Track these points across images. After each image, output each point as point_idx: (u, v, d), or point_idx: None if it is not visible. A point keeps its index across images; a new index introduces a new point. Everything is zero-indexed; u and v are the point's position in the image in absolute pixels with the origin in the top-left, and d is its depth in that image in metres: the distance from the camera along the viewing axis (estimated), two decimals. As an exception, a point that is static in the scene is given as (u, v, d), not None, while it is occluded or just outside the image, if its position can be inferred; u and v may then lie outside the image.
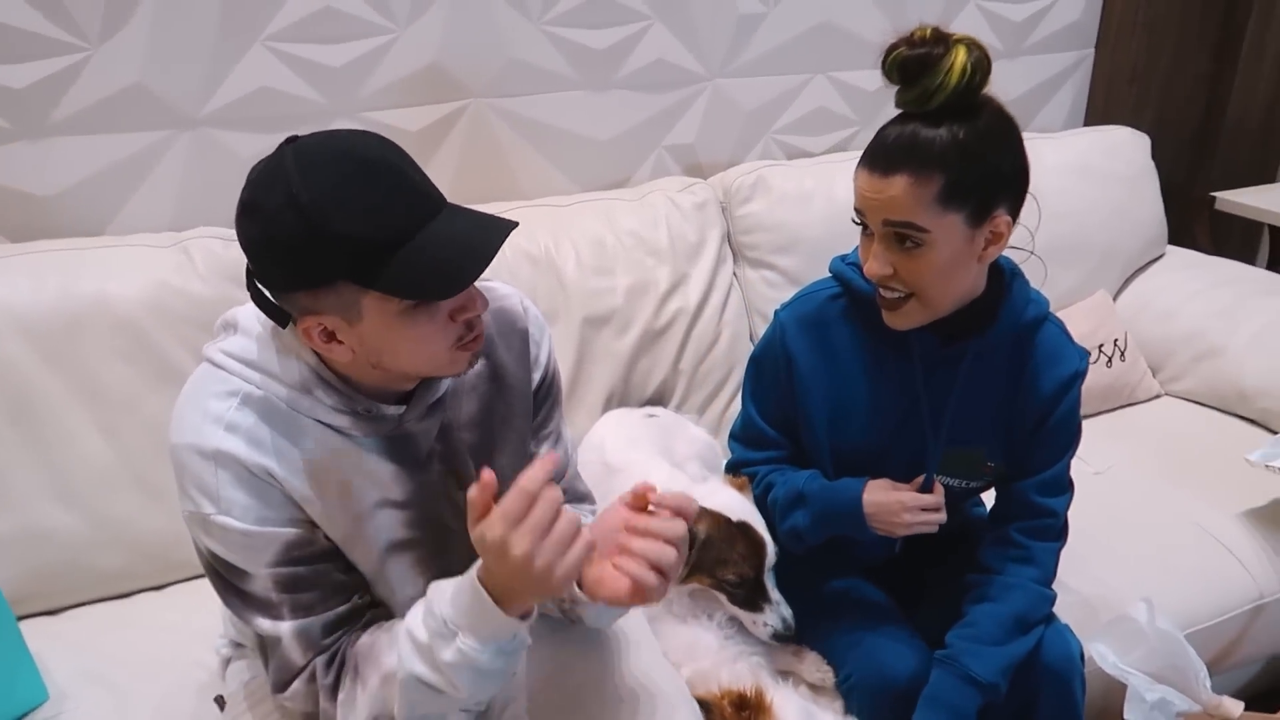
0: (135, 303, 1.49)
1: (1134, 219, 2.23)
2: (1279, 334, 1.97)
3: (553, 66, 1.89)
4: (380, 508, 1.05)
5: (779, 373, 1.36)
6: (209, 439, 0.95)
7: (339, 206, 0.84)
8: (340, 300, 0.89)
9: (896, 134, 1.14)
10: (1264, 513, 1.70)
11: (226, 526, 0.95)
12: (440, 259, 0.87)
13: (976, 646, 1.26)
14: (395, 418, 1.03)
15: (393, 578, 1.07)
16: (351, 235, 0.85)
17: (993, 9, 2.28)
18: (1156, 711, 1.39)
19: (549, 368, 1.18)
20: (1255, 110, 2.74)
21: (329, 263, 0.86)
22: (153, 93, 1.62)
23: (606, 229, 1.81)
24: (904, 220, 1.14)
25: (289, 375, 0.98)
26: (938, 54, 1.10)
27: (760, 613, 1.33)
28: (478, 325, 0.98)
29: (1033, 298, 1.29)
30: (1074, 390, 1.31)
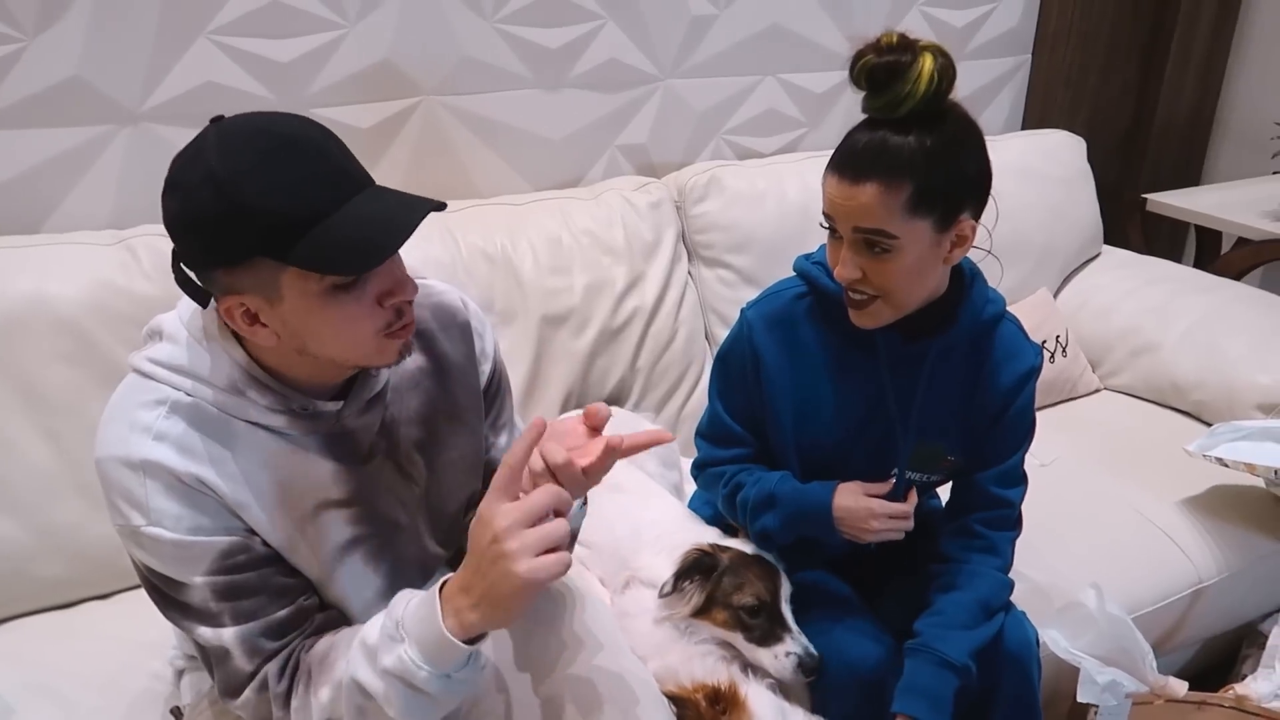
0: (76, 303, 1.44)
1: (1071, 219, 2.29)
2: (1209, 329, 2.05)
3: (506, 65, 1.88)
4: (323, 510, 1.02)
5: (745, 370, 1.37)
6: (136, 449, 0.92)
7: (254, 180, 0.83)
8: (259, 279, 0.87)
9: (865, 141, 1.15)
10: (1201, 501, 1.77)
11: (158, 538, 0.92)
12: (356, 234, 0.85)
13: (946, 632, 1.28)
14: (333, 414, 1.00)
15: (345, 579, 1.05)
16: (265, 209, 0.83)
17: (935, 15, 2.33)
18: (1107, 693, 1.43)
19: (496, 360, 1.17)
20: (1181, 115, 2.86)
21: (243, 238, 0.84)
22: (92, 86, 1.57)
23: (563, 228, 1.81)
24: (874, 228, 1.15)
25: (219, 377, 0.95)
26: (905, 61, 1.11)
27: (781, 643, 1.28)
28: (407, 313, 0.95)
29: (991, 297, 1.33)
30: (1030, 385, 1.34)
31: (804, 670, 1.27)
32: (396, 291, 0.92)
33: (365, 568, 1.06)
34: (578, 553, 1.46)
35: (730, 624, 1.30)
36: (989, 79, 2.49)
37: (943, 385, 1.31)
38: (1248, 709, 1.51)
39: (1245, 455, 1.68)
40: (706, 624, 1.31)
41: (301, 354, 0.94)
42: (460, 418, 1.13)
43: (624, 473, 1.52)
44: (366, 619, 1.03)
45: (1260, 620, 1.77)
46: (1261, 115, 2.69)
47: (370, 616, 1.03)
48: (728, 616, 1.30)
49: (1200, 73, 2.83)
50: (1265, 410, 1.89)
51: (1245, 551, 1.71)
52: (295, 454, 0.99)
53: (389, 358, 0.97)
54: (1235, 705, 1.51)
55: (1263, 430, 1.71)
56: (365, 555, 1.06)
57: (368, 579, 1.07)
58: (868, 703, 1.28)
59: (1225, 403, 1.95)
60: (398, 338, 0.95)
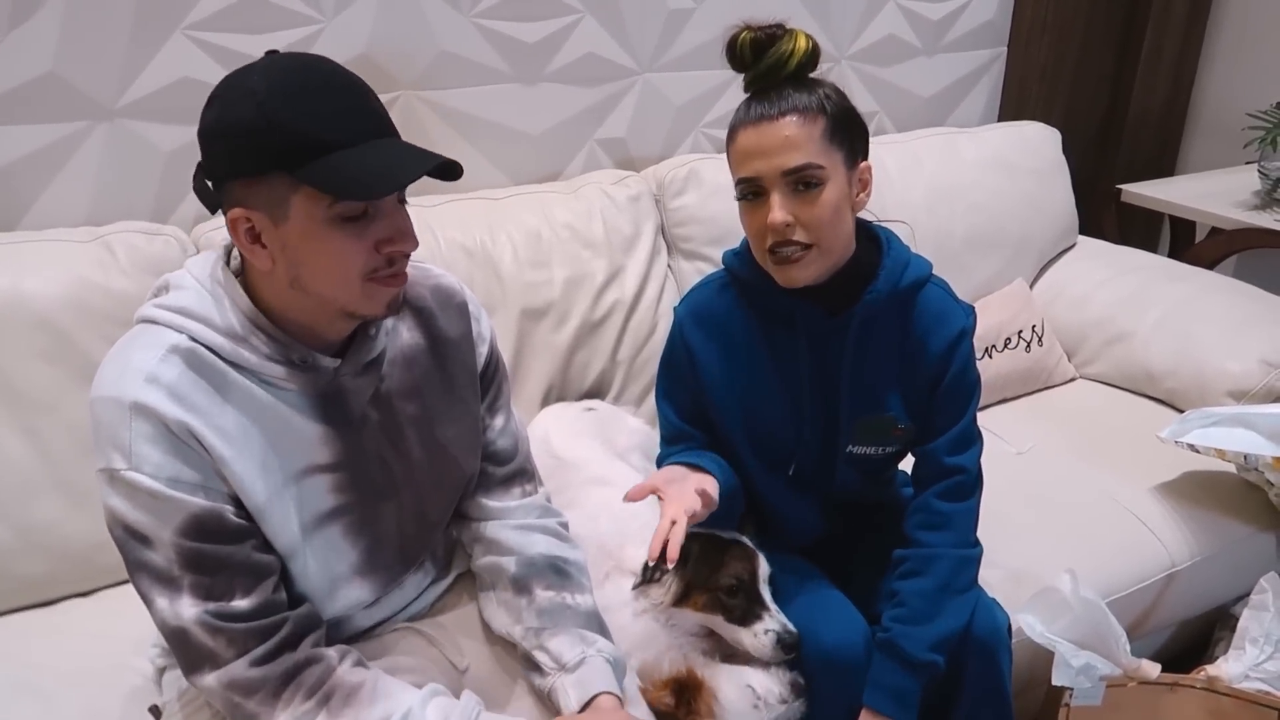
0: (54, 300, 1.43)
1: (1047, 210, 2.32)
2: (1182, 318, 2.08)
3: (483, 59, 1.88)
4: (307, 474, 1.03)
5: (684, 369, 1.39)
6: (128, 390, 0.92)
7: (290, 102, 0.89)
8: (272, 195, 0.91)
9: (770, 97, 1.21)
10: (1174, 486, 1.80)
11: (135, 484, 0.92)
12: (370, 166, 0.90)
13: (907, 628, 1.30)
14: (330, 370, 1.02)
15: (319, 551, 1.05)
16: (294, 129, 0.89)
17: (911, 8, 2.34)
18: (1082, 676, 1.45)
19: (493, 344, 1.20)
20: (1154, 107, 2.89)
21: (268, 151, 0.89)
22: (67, 82, 1.56)
23: (542, 222, 1.81)
24: (802, 163, 1.20)
25: (225, 322, 0.97)
26: (780, 33, 1.22)
27: (760, 621, 1.29)
28: (400, 264, 0.98)
29: (911, 261, 1.34)
30: (964, 346, 1.35)
31: (783, 647, 1.28)
32: (396, 240, 0.96)
33: (343, 541, 1.07)
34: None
35: (710, 606, 1.31)
36: (965, 72, 2.51)
37: (874, 355, 1.33)
38: (1219, 690, 1.54)
39: (1216, 441, 1.71)
40: (688, 610, 1.32)
41: (294, 287, 0.96)
42: (457, 395, 1.15)
43: (608, 466, 1.53)
44: (331, 596, 1.06)
45: (1232, 603, 1.80)
46: (1233, 106, 2.72)
47: (337, 594, 1.06)
48: (707, 599, 1.31)
49: (1173, 65, 2.86)
50: (1236, 397, 1.92)
51: (1217, 536, 1.74)
52: (287, 412, 1.00)
53: (375, 307, 0.98)
54: (1207, 686, 1.54)
55: (1233, 417, 1.73)
56: (345, 528, 1.07)
57: (343, 553, 1.07)
58: (845, 686, 1.29)
59: (1197, 390, 1.97)
60: (386, 286, 0.97)
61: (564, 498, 1.49)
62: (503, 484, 1.23)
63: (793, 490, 1.41)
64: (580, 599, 1.19)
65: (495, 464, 1.22)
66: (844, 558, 1.48)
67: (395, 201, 0.96)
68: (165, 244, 1.54)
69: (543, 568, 1.19)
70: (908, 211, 2.09)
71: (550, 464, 1.54)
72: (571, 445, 1.57)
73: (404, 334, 1.12)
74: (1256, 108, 2.43)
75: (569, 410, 1.71)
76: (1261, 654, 1.55)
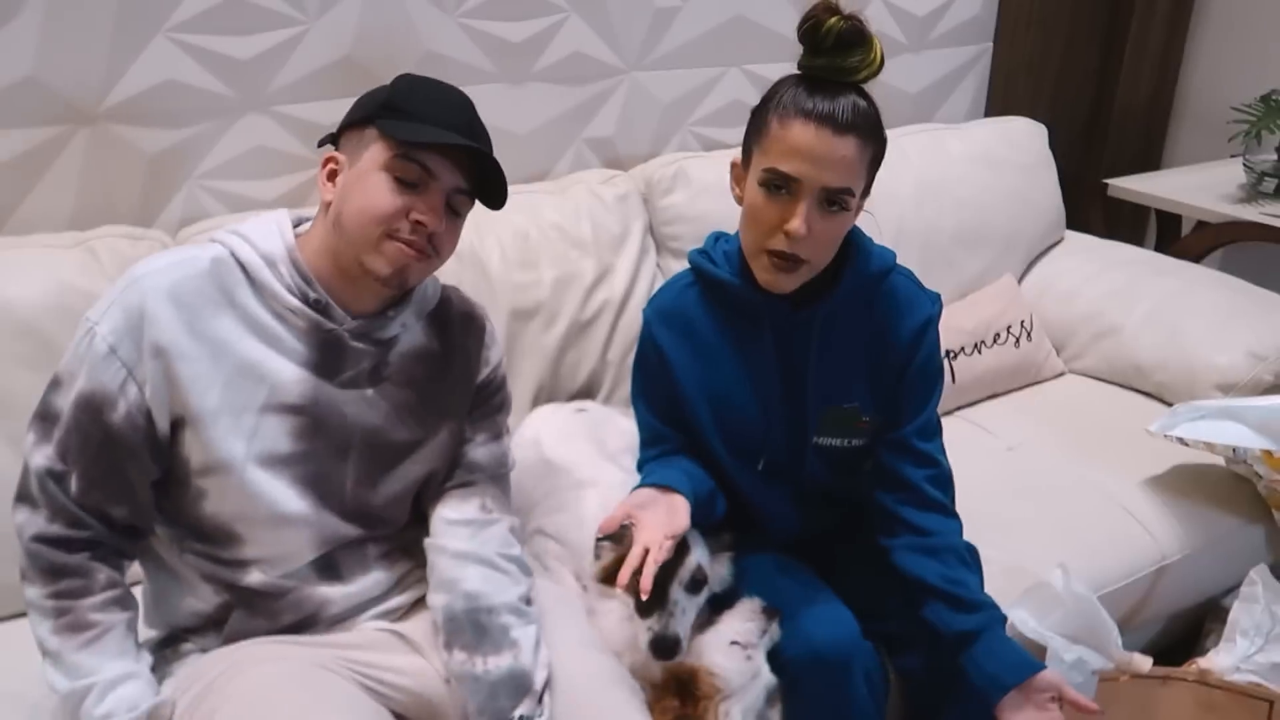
0: (37, 306, 1.42)
1: (1034, 205, 2.32)
2: (1169, 312, 2.08)
3: (469, 59, 1.87)
4: (268, 412, 1.10)
5: (656, 368, 1.39)
6: (141, 268, 1.09)
7: (409, 86, 1.14)
8: (360, 140, 1.12)
9: (839, 101, 1.18)
10: (1164, 480, 1.80)
11: (88, 331, 1.06)
12: (428, 133, 1.08)
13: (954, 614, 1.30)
14: (340, 319, 1.13)
15: (259, 485, 1.10)
16: (399, 93, 1.13)
17: (897, 4, 2.34)
18: (1074, 670, 1.46)
19: (497, 370, 1.29)
20: (1140, 101, 2.90)
21: (374, 104, 1.12)
22: (48, 86, 1.54)
23: (530, 222, 1.80)
24: (845, 186, 1.19)
25: (266, 246, 1.11)
26: (867, 32, 1.18)
27: (650, 618, 1.25)
28: (419, 236, 1.10)
29: (876, 252, 1.35)
30: (930, 334, 1.36)
31: (654, 648, 1.24)
32: (427, 213, 1.10)
33: (290, 488, 1.13)
34: (550, 549, 1.46)
35: (629, 589, 1.26)
36: (952, 67, 2.51)
37: (840, 347, 1.34)
38: (1210, 682, 1.54)
39: (1205, 434, 1.72)
40: (619, 591, 1.27)
41: (335, 227, 1.11)
42: (445, 401, 1.23)
43: (598, 469, 1.52)
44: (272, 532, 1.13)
45: (1222, 596, 1.80)
46: (1218, 100, 2.73)
47: (279, 533, 1.13)
48: (628, 584, 1.27)
49: (1158, 59, 2.87)
50: (1224, 390, 1.93)
51: (1207, 529, 1.75)
52: (278, 345, 1.11)
53: (382, 264, 1.09)
54: (1198, 679, 1.55)
55: (1221, 410, 1.74)
56: (295, 477, 1.13)
57: (291, 498, 1.12)
58: (832, 684, 1.29)
59: (1185, 383, 1.98)
60: (400, 249, 1.09)
61: (553, 501, 1.49)
62: (462, 489, 1.24)
63: (765, 484, 1.42)
64: (493, 664, 1.14)
65: (464, 470, 1.25)
66: (831, 557, 1.47)
67: (447, 189, 1.11)
68: (150, 248, 1.53)
69: (462, 624, 1.16)
70: (895, 208, 2.09)
71: (540, 467, 1.54)
72: (562, 448, 1.56)
73: (421, 337, 1.22)
74: (1241, 101, 2.44)
75: (560, 411, 1.70)
76: (1252, 646, 1.57)
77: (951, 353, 2.03)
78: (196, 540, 1.14)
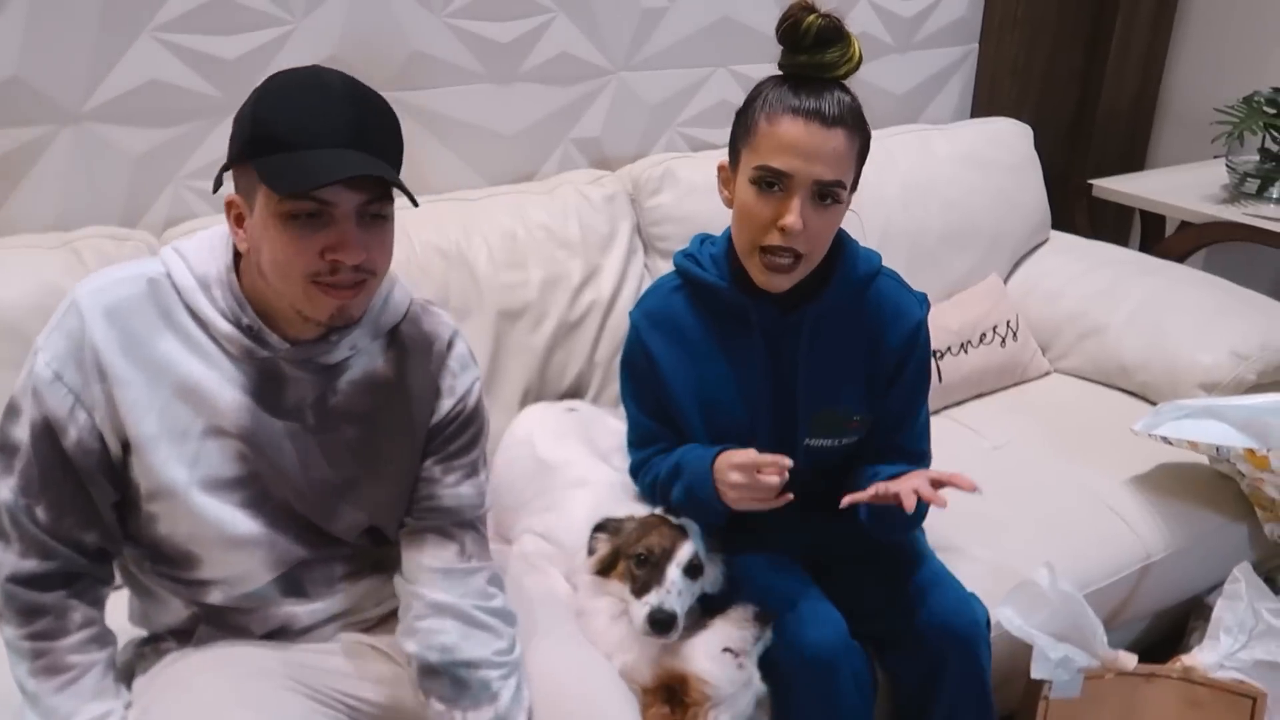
0: (22, 308, 1.40)
1: (1020, 206, 2.33)
2: (1153, 311, 2.10)
3: (456, 59, 1.86)
4: (208, 437, 1.05)
5: (645, 372, 1.40)
6: (83, 288, 1.03)
7: (274, 98, 0.97)
8: (248, 183, 0.99)
9: (824, 96, 1.20)
10: (1149, 478, 1.82)
11: (35, 360, 1.02)
12: (309, 167, 0.94)
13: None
14: (275, 349, 1.05)
15: (206, 510, 1.06)
16: (262, 119, 0.96)
17: (884, 5, 2.35)
18: (1060, 668, 1.47)
19: (465, 400, 1.17)
20: (1124, 102, 2.92)
21: (242, 139, 0.98)
22: (31, 86, 1.53)
23: (517, 222, 1.80)
24: (836, 179, 1.21)
25: (201, 269, 1.05)
26: (844, 29, 1.20)
27: (648, 594, 1.26)
28: (342, 273, 0.99)
29: (863, 255, 1.37)
30: (921, 336, 1.38)
31: (650, 623, 1.24)
32: (339, 249, 0.98)
33: (238, 511, 1.08)
34: (542, 549, 1.46)
35: (624, 576, 1.30)
36: (938, 68, 2.52)
37: (830, 350, 1.35)
38: (1194, 679, 1.56)
39: (1189, 433, 1.73)
40: (613, 581, 1.31)
41: (261, 275, 1.01)
42: (396, 438, 1.14)
43: (590, 468, 1.52)
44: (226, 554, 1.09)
45: (1206, 593, 1.82)
46: (1201, 101, 2.75)
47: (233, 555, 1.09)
48: (624, 568, 1.31)
49: (1142, 60, 2.89)
50: (1207, 389, 1.94)
51: (1191, 527, 1.76)
52: (216, 370, 1.05)
53: (319, 312, 1.02)
54: (1183, 676, 1.56)
55: (1205, 409, 1.75)
56: (243, 500, 1.08)
57: (240, 521, 1.08)
58: (820, 685, 1.29)
59: (1169, 383, 1.99)
60: (329, 295, 1.00)
61: (545, 500, 1.49)
62: (438, 535, 1.16)
63: None
64: (473, 717, 1.11)
65: (438, 515, 1.17)
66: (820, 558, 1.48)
67: (350, 211, 0.98)
68: (135, 249, 1.52)
69: (439, 676, 1.13)
70: (882, 208, 2.10)
71: (533, 466, 1.54)
72: (555, 447, 1.56)
73: (378, 362, 1.13)
74: (1224, 102, 2.45)
75: (551, 411, 1.70)
76: (1236, 643, 1.58)
77: (938, 352, 2.04)
78: (157, 561, 1.11)
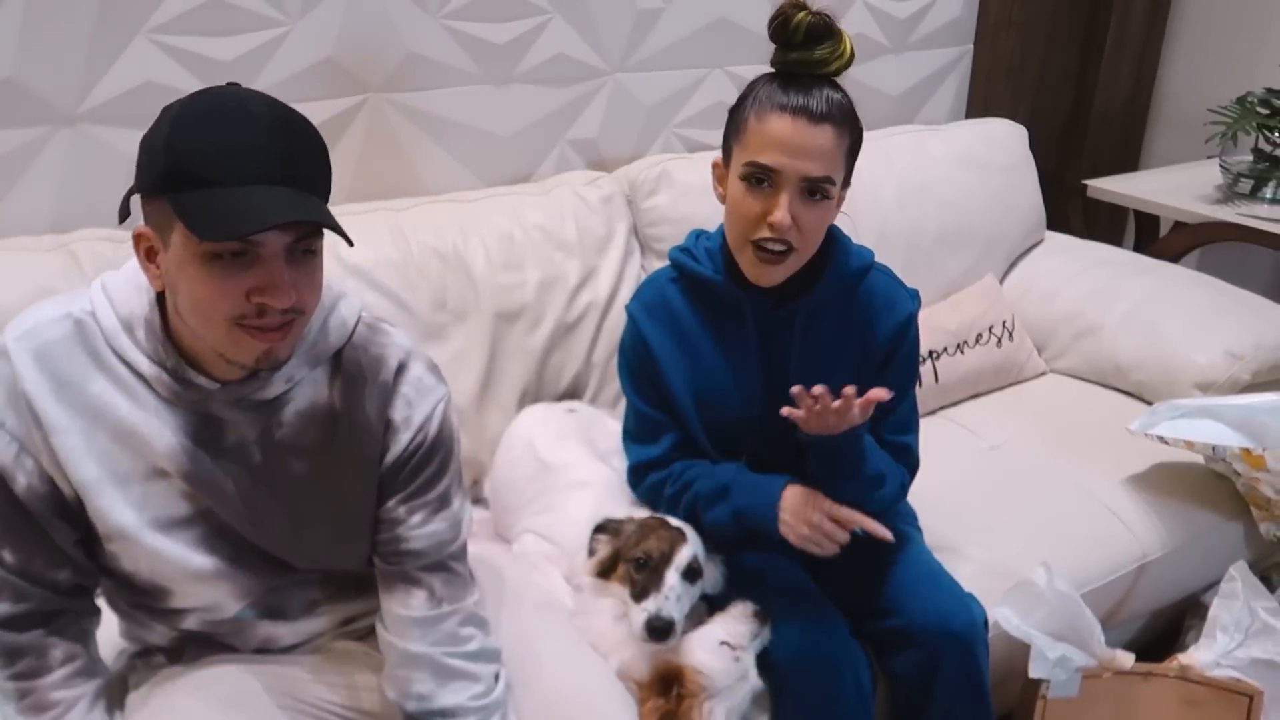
0: (18, 310, 1.33)
1: (1015, 206, 2.34)
2: (1148, 311, 2.10)
3: (452, 61, 1.86)
4: (152, 479, 1.01)
5: (643, 361, 1.41)
6: (11, 331, 0.98)
7: (192, 128, 0.88)
8: (161, 218, 0.91)
9: (812, 93, 1.21)
10: (1144, 478, 1.82)
11: None
12: (229, 208, 0.87)
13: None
14: (204, 391, 0.99)
15: (166, 550, 1.03)
16: (180, 153, 0.88)
17: (879, 6, 2.36)
18: (1058, 668, 1.47)
19: (424, 433, 1.08)
20: (1118, 103, 2.93)
21: (155, 171, 0.89)
22: (25, 87, 1.53)
23: (514, 224, 1.80)
24: (824, 174, 1.22)
25: (123, 307, 0.99)
26: (834, 26, 1.21)
27: (647, 599, 1.26)
28: (269, 316, 0.92)
29: (855, 250, 1.38)
30: (911, 330, 1.40)
31: (648, 630, 1.24)
32: (266, 291, 0.91)
33: (194, 550, 1.04)
34: (542, 549, 1.46)
35: (624, 579, 1.30)
36: (933, 69, 2.52)
37: (822, 343, 1.36)
38: (1191, 678, 1.56)
39: (1185, 433, 1.73)
40: (614, 584, 1.31)
41: (179, 314, 0.95)
42: (346, 472, 1.07)
43: (590, 469, 1.52)
44: (193, 587, 1.06)
45: (1202, 592, 1.82)
46: (1195, 101, 2.76)
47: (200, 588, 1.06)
48: (624, 571, 1.31)
49: (1135, 61, 2.90)
50: (1203, 388, 1.95)
51: (1187, 526, 1.77)
52: (149, 412, 0.99)
53: (244, 355, 0.95)
54: (1180, 675, 1.56)
55: (1200, 408, 1.76)
56: (198, 537, 1.04)
57: (197, 558, 1.05)
58: (821, 685, 1.30)
59: (1164, 382, 2.00)
60: (255, 338, 0.93)
61: (544, 501, 1.49)
62: (405, 582, 1.10)
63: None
64: None
65: (403, 559, 1.10)
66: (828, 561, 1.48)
67: (278, 250, 0.91)
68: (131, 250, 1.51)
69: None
70: (879, 209, 2.10)
71: (533, 467, 1.54)
72: (555, 448, 1.56)
73: (324, 392, 1.05)
74: (1217, 102, 2.46)
75: (551, 411, 1.70)
76: (1232, 642, 1.58)
77: (934, 353, 2.04)
78: (130, 593, 1.09)
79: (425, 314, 1.68)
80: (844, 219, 1.35)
